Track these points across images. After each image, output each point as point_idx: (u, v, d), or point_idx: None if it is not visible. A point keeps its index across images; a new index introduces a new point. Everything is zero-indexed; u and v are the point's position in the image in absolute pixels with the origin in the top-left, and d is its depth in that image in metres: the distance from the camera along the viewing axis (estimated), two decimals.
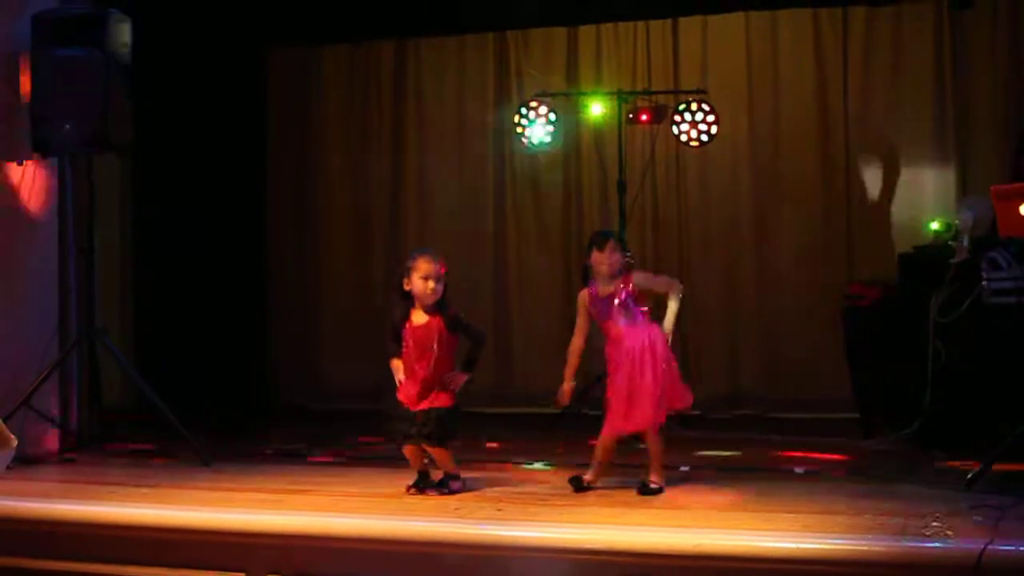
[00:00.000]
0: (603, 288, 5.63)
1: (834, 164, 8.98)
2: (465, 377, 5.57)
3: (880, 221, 8.87)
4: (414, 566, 4.73)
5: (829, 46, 9.02)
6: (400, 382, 5.59)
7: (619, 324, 5.59)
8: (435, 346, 5.50)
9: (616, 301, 5.59)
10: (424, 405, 5.50)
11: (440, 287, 5.52)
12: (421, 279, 5.50)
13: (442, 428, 5.51)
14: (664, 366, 5.53)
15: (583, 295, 5.72)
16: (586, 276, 5.72)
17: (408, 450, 5.64)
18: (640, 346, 5.53)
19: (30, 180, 7.05)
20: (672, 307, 5.64)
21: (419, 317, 5.56)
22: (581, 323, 5.73)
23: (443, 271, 5.55)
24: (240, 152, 9.71)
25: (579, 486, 5.62)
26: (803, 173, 9.03)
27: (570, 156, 9.51)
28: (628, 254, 5.72)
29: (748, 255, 9.11)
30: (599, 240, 5.68)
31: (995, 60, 8.63)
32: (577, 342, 5.73)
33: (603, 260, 5.61)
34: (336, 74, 10.14)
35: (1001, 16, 8.62)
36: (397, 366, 5.61)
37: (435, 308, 5.54)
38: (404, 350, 5.58)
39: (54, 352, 7.03)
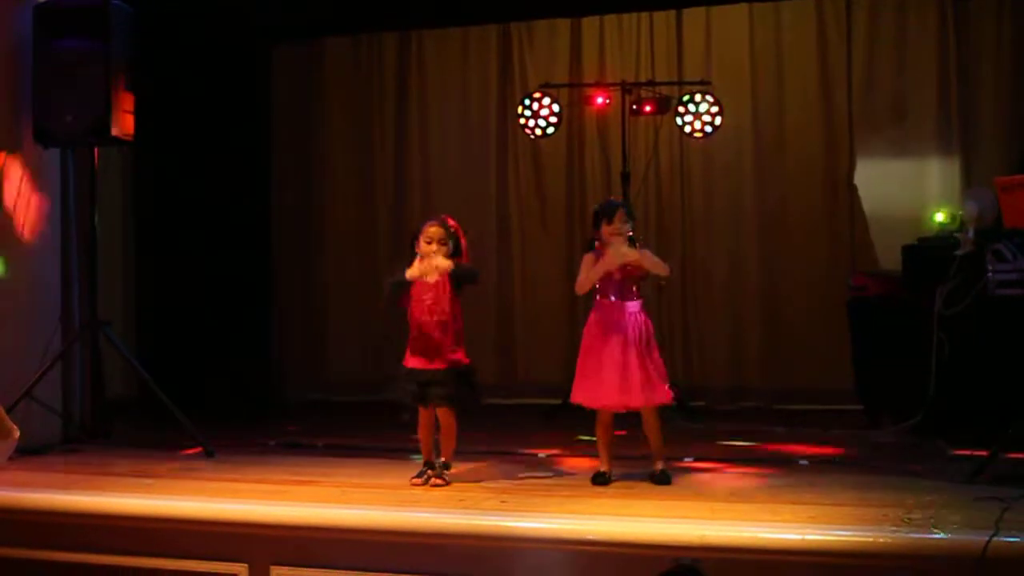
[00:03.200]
0: None
1: (838, 155, 8.97)
2: (450, 264, 5.51)
3: (884, 212, 8.85)
4: (418, 557, 4.72)
5: (833, 37, 9.01)
6: (423, 269, 5.51)
7: (611, 296, 5.57)
8: (446, 301, 5.51)
9: (623, 273, 5.56)
10: (440, 364, 5.50)
11: (443, 250, 5.54)
12: (425, 243, 5.56)
13: (462, 387, 5.52)
14: (656, 351, 5.54)
15: (589, 256, 5.64)
16: (591, 248, 5.66)
17: (425, 415, 5.62)
18: (634, 326, 5.51)
19: (32, 172, 7.05)
20: (656, 258, 5.60)
21: (429, 277, 5.57)
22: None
23: (450, 228, 5.57)
24: (243, 144, 9.69)
25: (601, 480, 5.59)
26: (807, 164, 9.02)
27: (574, 147, 9.51)
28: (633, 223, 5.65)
29: (752, 247, 9.10)
30: (608, 211, 5.61)
31: (1000, 51, 8.62)
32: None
33: (615, 231, 5.55)
34: (339, 66, 10.14)
35: (1006, 6, 8.61)
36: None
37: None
38: (414, 303, 5.55)
39: (57, 343, 7.03)
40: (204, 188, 9.34)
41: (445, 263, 5.52)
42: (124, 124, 6.91)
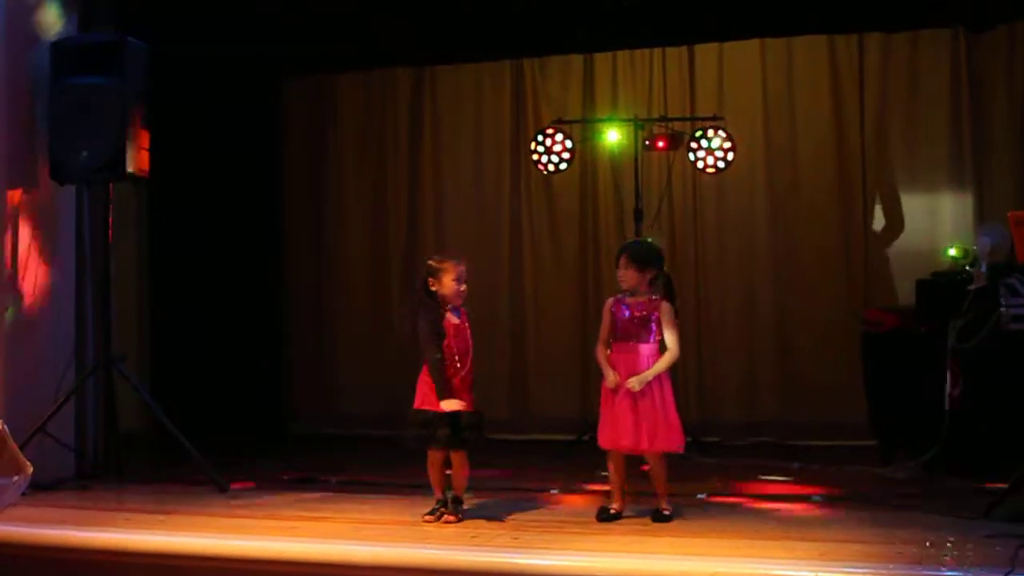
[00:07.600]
0: (631, 300, 5.62)
1: (851, 190, 8.97)
2: (464, 406, 5.51)
3: (897, 247, 8.85)
4: None
5: (845, 72, 9.03)
6: (447, 392, 5.47)
7: (630, 341, 5.58)
8: (470, 343, 5.55)
9: (636, 316, 5.58)
10: (453, 407, 5.49)
11: (465, 289, 5.59)
12: (453, 281, 5.54)
13: (476, 431, 5.52)
14: (670, 395, 5.54)
15: (609, 301, 5.71)
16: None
17: (435, 455, 5.61)
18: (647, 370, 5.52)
19: (47, 207, 7.08)
20: (664, 360, 5.57)
21: (451, 318, 5.58)
22: (604, 332, 5.68)
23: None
24: (257, 179, 9.75)
25: (605, 516, 5.58)
26: (820, 199, 9.02)
27: (586, 183, 9.53)
28: (658, 271, 5.65)
29: (765, 282, 9.09)
30: (617, 256, 5.69)
31: (1012, 85, 8.63)
32: (601, 349, 5.68)
33: (618, 277, 5.64)
34: (352, 101, 10.19)
35: (1018, 41, 8.62)
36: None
37: (457, 308, 5.59)
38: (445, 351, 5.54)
39: (71, 379, 7.04)
40: (217, 223, 9.37)
41: (458, 405, 5.46)
42: (139, 160, 6.94)
